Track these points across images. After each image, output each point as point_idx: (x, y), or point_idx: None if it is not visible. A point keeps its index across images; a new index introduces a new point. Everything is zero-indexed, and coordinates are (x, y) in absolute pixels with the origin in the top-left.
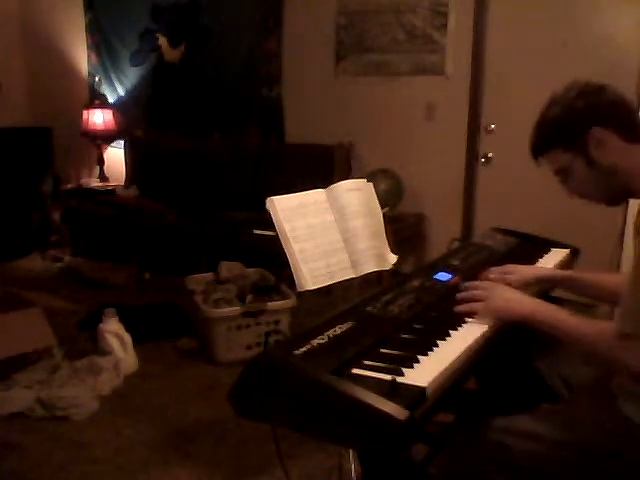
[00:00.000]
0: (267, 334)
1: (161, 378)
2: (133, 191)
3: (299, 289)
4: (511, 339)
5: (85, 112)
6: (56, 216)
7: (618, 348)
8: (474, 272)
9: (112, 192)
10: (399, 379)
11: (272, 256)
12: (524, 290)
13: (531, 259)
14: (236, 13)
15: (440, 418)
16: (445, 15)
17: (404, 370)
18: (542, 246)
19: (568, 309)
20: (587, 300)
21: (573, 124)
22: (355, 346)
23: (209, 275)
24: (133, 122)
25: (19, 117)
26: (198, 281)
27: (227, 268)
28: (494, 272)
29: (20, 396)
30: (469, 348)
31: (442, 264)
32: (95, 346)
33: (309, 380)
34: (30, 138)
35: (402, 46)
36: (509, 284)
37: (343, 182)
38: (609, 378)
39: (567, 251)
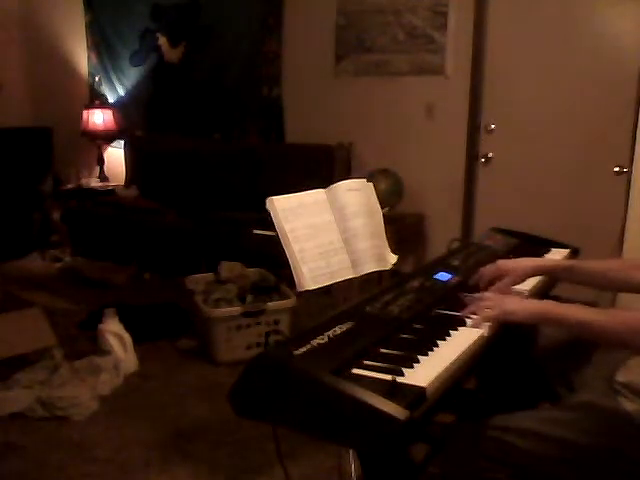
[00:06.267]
0: (267, 334)
1: (161, 378)
2: (133, 191)
3: (299, 289)
4: (511, 338)
5: (85, 112)
6: (56, 216)
7: None
8: (474, 272)
9: (112, 192)
10: (399, 379)
11: (272, 256)
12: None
13: None
14: (236, 13)
15: (440, 418)
16: (445, 15)
17: (404, 370)
18: (542, 246)
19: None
20: (587, 299)
21: None
22: (355, 346)
23: (209, 275)
24: (133, 122)
25: (19, 117)
26: (198, 281)
27: (227, 268)
28: (487, 275)
29: (20, 396)
30: (469, 348)
31: (442, 264)
32: (95, 346)
33: (309, 380)
34: (30, 138)
35: (402, 46)
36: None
37: (343, 182)
38: (611, 377)
39: (567, 251)
